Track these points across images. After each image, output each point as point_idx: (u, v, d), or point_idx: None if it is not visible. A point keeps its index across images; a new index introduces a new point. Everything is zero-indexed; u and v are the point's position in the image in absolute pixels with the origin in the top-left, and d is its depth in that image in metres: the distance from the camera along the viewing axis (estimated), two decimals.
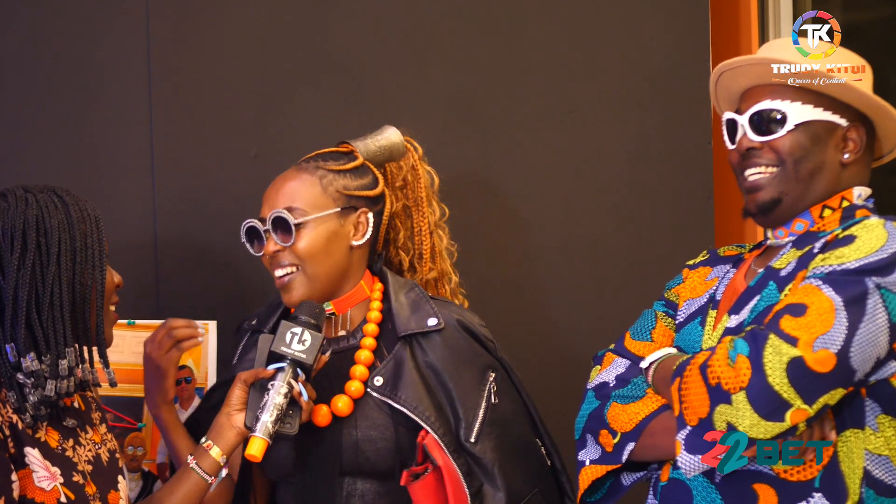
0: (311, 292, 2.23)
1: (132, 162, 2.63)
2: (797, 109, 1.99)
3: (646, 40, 2.94)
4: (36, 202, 1.93)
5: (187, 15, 2.66)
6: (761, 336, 1.81)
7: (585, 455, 2.07)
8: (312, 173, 2.27)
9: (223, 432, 2.06)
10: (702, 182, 2.96)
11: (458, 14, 2.83)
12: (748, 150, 2.02)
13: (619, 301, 2.92)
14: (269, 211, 2.24)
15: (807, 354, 1.78)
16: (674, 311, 2.18)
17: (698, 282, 2.17)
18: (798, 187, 2.00)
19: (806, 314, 1.81)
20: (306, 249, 2.22)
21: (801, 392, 1.78)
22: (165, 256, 2.63)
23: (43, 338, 1.89)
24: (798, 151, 1.99)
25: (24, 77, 2.58)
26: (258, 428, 2.02)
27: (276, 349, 2.07)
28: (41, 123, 2.59)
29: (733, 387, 1.81)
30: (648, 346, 2.14)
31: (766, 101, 2.01)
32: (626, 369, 2.10)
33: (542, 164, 2.88)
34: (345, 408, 2.21)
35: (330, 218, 2.25)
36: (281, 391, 2.05)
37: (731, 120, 2.06)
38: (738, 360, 1.81)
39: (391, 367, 2.23)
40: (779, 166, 2.00)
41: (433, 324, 2.26)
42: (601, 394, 2.08)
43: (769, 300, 1.95)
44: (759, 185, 2.02)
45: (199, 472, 2.03)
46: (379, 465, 2.20)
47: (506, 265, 2.86)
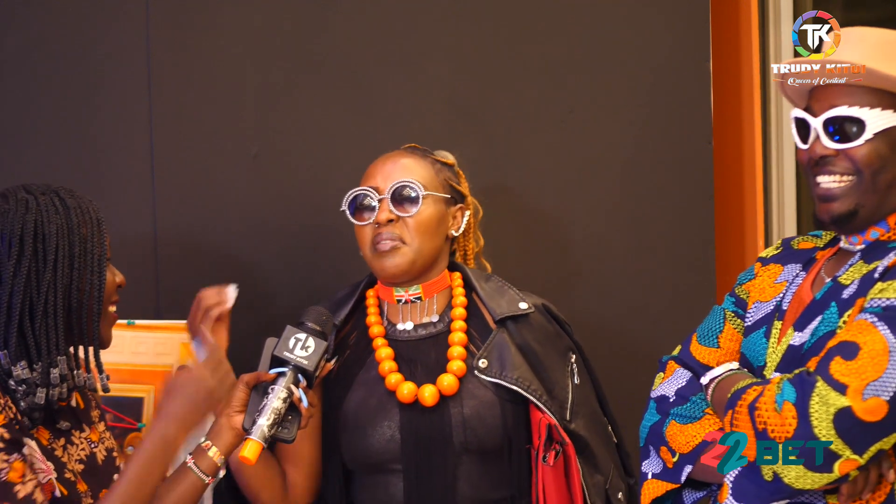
0: (411, 266, 2.30)
1: (132, 162, 2.63)
2: (876, 116, 1.86)
3: (646, 40, 2.93)
4: (36, 205, 1.92)
5: (187, 15, 2.66)
6: (808, 383, 1.73)
7: (648, 467, 2.02)
8: (423, 157, 2.37)
9: (222, 433, 2.06)
10: (702, 182, 2.96)
11: (459, 14, 2.83)
12: (822, 157, 1.89)
13: (618, 301, 2.92)
14: (381, 183, 2.30)
15: (856, 404, 1.69)
16: (743, 311, 2.07)
17: (768, 283, 2.05)
18: (875, 198, 1.88)
19: (857, 357, 1.72)
20: (421, 224, 2.29)
21: (850, 443, 1.70)
22: (165, 256, 2.63)
23: (35, 346, 1.89)
24: (877, 162, 1.86)
25: (24, 77, 2.58)
26: (254, 431, 2.01)
27: (279, 353, 2.07)
28: (41, 123, 2.59)
29: (779, 435, 1.73)
30: (715, 352, 2.05)
31: (842, 107, 1.87)
32: (687, 383, 2.01)
33: (542, 163, 2.88)
34: (451, 386, 2.26)
35: (441, 201, 2.34)
36: (280, 396, 2.04)
37: (802, 120, 1.93)
38: (785, 408, 1.73)
39: (494, 349, 2.29)
40: (855, 176, 1.88)
41: (524, 307, 2.36)
42: (661, 408, 2.02)
43: (829, 324, 1.85)
44: (833, 195, 1.89)
45: (197, 471, 2.03)
46: (487, 443, 2.25)
47: (505, 265, 2.85)
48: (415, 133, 2.58)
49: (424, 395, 2.24)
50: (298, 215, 2.70)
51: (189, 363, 2.50)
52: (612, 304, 2.91)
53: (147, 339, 2.51)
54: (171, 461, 1.96)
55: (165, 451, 1.94)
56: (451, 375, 2.26)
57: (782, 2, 3.33)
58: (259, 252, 2.68)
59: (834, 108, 1.88)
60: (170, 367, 2.51)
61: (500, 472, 2.27)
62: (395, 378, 2.27)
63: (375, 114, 2.74)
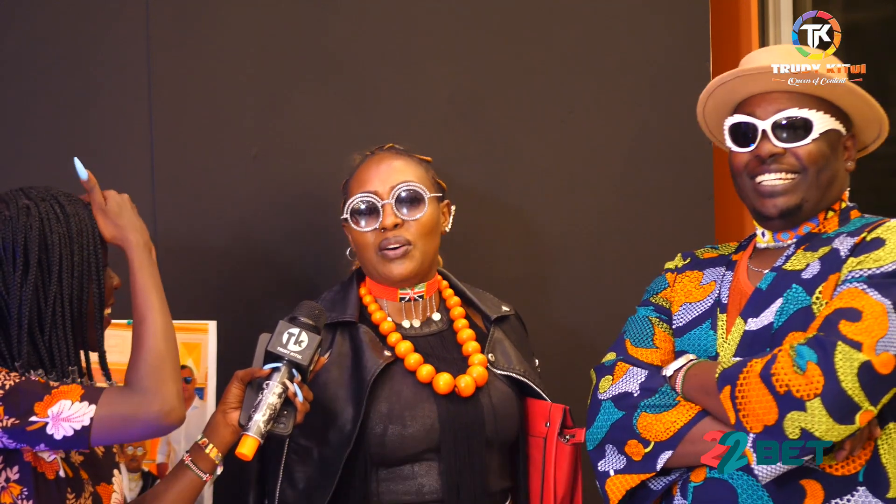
0: (419, 268, 2.32)
1: (132, 162, 2.63)
2: (820, 118, 2.04)
3: (646, 40, 2.93)
4: (38, 213, 1.92)
5: (187, 15, 2.66)
6: (829, 343, 1.86)
7: (607, 465, 2.08)
8: (412, 157, 2.37)
9: (218, 430, 2.06)
10: (702, 182, 2.96)
11: (459, 14, 2.83)
12: (771, 155, 2.05)
13: (618, 301, 2.91)
14: (381, 187, 2.30)
15: (872, 358, 1.84)
16: (668, 317, 2.20)
17: (692, 286, 2.20)
18: (817, 194, 2.06)
19: (863, 319, 1.87)
20: (426, 225, 2.31)
21: (869, 394, 1.84)
22: (165, 256, 2.62)
23: (48, 355, 1.90)
24: (821, 160, 2.05)
25: (24, 77, 2.58)
26: (250, 427, 2.02)
27: (272, 349, 2.07)
28: (41, 123, 2.59)
29: (807, 394, 1.85)
30: (655, 352, 2.16)
31: (792, 109, 2.04)
32: (647, 378, 2.09)
33: (542, 163, 2.88)
34: (482, 377, 2.30)
35: (436, 200, 2.36)
36: (275, 391, 2.04)
37: (746, 124, 2.08)
38: (809, 368, 1.85)
39: (496, 345, 2.35)
40: (800, 173, 2.05)
41: (506, 310, 2.43)
42: (624, 404, 2.08)
43: (797, 303, 2.00)
44: (778, 191, 2.06)
45: (195, 469, 2.03)
46: (508, 433, 2.30)
47: (505, 265, 2.86)
48: (415, 133, 2.58)
49: (461, 385, 2.27)
50: (298, 215, 2.70)
51: (189, 363, 2.51)
52: (612, 304, 2.91)
53: None
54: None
55: (152, 254, 2.01)
56: (479, 367, 2.29)
57: (782, 2, 3.34)
58: (259, 252, 2.67)
59: (782, 111, 2.05)
60: None
61: (500, 465, 2.31)
62: (426, 370, 2.28)
63: (375, 114, 2.74)
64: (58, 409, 1.82)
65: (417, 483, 2.24)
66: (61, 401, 1.83)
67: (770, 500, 1.94)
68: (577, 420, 2.41)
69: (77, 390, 1.84)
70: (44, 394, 1.83)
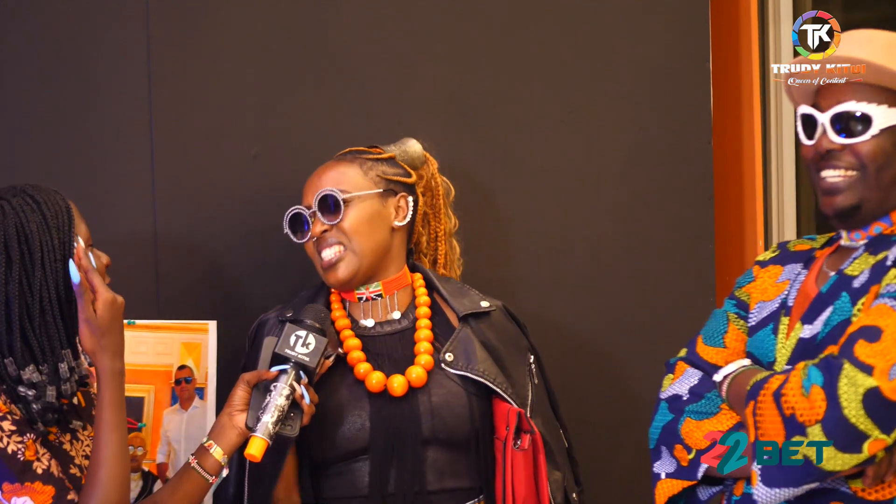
0: (357, 270, 2.34)
1: (132, 162, 2.62)
2: (883, 113, 1.92)
3: (646, 40, 2.93)
4: (12, 209, 1.92)
5: (187, 15, 2.66)
6: (835, 365, 1.76)
7: (661, 468, 2.04)
8: (351, 162, 2.41)
9: (225, 432, 2.06)
10: (702, 182, 2.96)
11: (459, 14, 2.83)
12: (828, 151, 1.94)
13: (619, 301, 2.92)
14: (311, 198, 2.36)
15: (883, 384, 1.73)
16: (745, 312, 2.11)
17: (769, 283, 2.09)
18: (878, 194, 1.93)
19: (881, 339, 1.76)
20: (353, 225, 2.33)
21: (879, 422, 1.74)
22: (165, 256, 2.63)
23: (39, 347, 1.90)
24: (881, 158, 1.92)
25: (24, 77, 2.58)
26: (259, 428, 2.03)
27: (280, 351, 2.09)
28: (41, 123, 2.59)
29: (808, 419, 1.76)
30: (721, 352, 2.08)
31: (850, 102, 1.93)
32: (699, 381, 2.04)
33: (542, 163, 2.87)
34: (420, 378, 2.30)
35: (372, 198, 2.37)
36: (283, 393, 2.06)
37: (809, 116, 1.98)
38: (813, 392, 1.77)
39: (459, 344, 2.35)
40: (859, 171, 1.93)
41: (485, 306, 2.43)
42: (675, 406, 2.04)
43: (842, 313, 1.89)
44: (837, 189, 1.94)
45: (201, 471, 2.04)
46: (455, 432, 2.29)
47: (505, 265, 2.86)
48: (414, 133, 2.58)
49: (393, 385, 2.28)
50: None
51: (189, 363, 2.51)
52: (612, 304, 2.91)
53: (147, 339, 2.51)
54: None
55: (123, 385, 1.94)
56: (419, 367, 2.31)
57: (782, 2, 3.34)
58: (259, 252, 2.67)
59: (841, 103, 1.93)
60: (170, 367, 2.51)
61: (466, 464, 2.31)
62: (363, 367, 2.30)
63: (375, 114, 2.74)
64: (21, 503, 1.82)
65: (355, 481, 2.26)
66: (27, 497, 1.83)
67: None
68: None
69: (47, 497, 1.83)
70: (18, 479, 1.82)
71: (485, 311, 2.42)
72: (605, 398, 2.90)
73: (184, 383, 2.50)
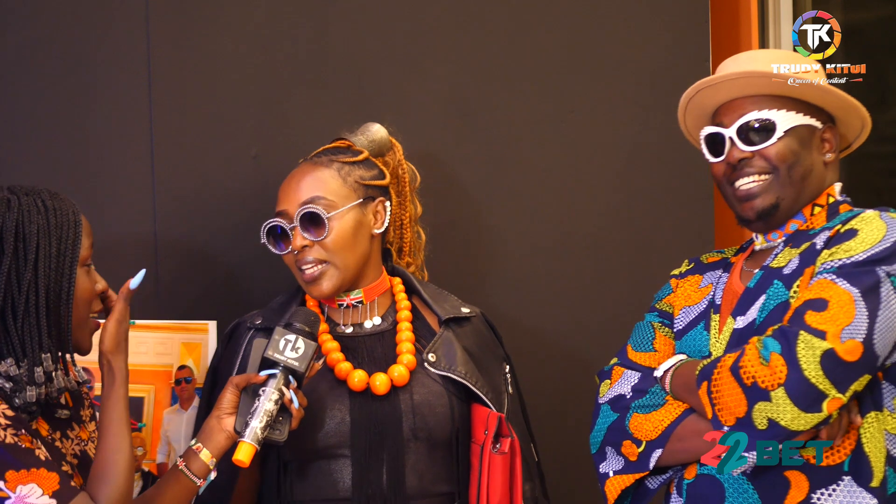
0: (341, 283, 2.31)
1: (132, 162, 2.63)
2: (784, 116, 2.07)
3: (646, 40, 2.93)
4: (18, 205, 1.92)
5: (187, 15, 2.66)
6: (791, 333, 1.89)
7: (607, 467, 2.13)
8: (328, 166, 2.35)
9: (213, 435, 2.06)
10: (702, 182, 2.96)
11: (458, 14, 2.83)
12: (740, 160, 2.09)
13: (618, 301, 2.91)
14: (290, 207, 2.30)
15: (836, 346, 1.86)
16: (669, 321, 2.24)
17: (691, 290, 2.24)
18: (792, 191, 2.09)
19: (828, 308, 1.89)
20: (337, 242, 2.28)
21: (835, 382, 1.86)
22: (165, 256, 2.63)
23: (19, 344, 1.90)
24: (790, 157, 2.07)
25: (23, 77, 2.58)
26: (247, 433, 2.02)
27: (269, 355, 2.07)
28: (41, 123, 2.59)
29: (771, 384, 1.87)
30: (653, 356, 2.20)
31: (752, 112, 2.09)
32: (640, 380, 2.15)
33: (542, 163, 2.88)
34: (402, 377, 2.28)
35: (355, 209, 2.32)
36: (272, 398, 2.05)
37: (715, 134, 2.13)
38: (773, 359, 1.88)
39: (441, 345, 2.33)
40: (772, 173, 2.08)
41: (466, 312, 2.41)
42: (619, 406, 2.14)
43: (777, 298, 2.03)
44: (753, 193, 2.09)
45: (188, 474, 2.04)
46: (435, 431, 2.28)
47: (505, 265, 2.86)
48: (414, 133, 2.58)
49: (376, 383, 2.26)
50: None
51: (189, 363, 2.51)
52: (612, 304, 2.91)
53: (147, 339, 2.51)
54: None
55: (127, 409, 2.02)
56: (402, 366, 2.29)
57: (782, 2, 3.34)
58: (259, 252, 2.67)
59: (744, 115, 2.09)
60: (170, 367, 2.51)
61: (445, 467, 2.30)
62: (345, 366, 2.28)
63: (375, 114, 2.74)
64: (27, 491, 1.82)
65: (332, 479, 2.23)
66: (33, 484, 1.83)
67: (755, 492, 1.98)
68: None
69: (53, 482, 1.84)
70: (23, 465, 1.82)
71: (465, 316, 2.41)
72: None
73: (184, 383, 2.51)
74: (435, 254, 2.63)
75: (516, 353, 2.52)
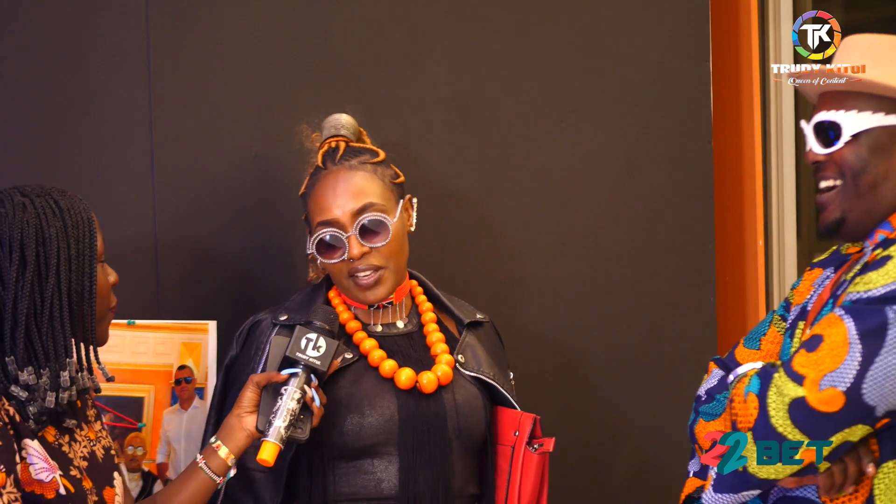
0: (395, 286, 2.30)
1: (132, 162, 2.63)
2: (852, 119, 1.87)
3: (646, 40, 2.93)
4: (34, 209, 1.91)
5: (187, 15, 2.66)
6: (769, 374, 1.77)
7: (692, 466, 2.05)
8: (365, 170, 2.30)
9: (233, 433, 2.06)
10: (702, 182, 2.96)
11: (459, 14, 2.83)
12: (814, 162, 1.92)
13: (618, 301, 2.92)
14: (341, 216, 2.24)
15: (811, 394, 1.71)
16: (789, 314, 2.06)
17: (806, 286, 2.04)
18: (860, 203, 1.88)
19: (818, 349, 1.74)
20: (394, 247, 2.27)
21: (808, 432, 1.72)
22: (165, 256, 2.63)
23: (43, 351, 1.89)
24: (857, 164, 1.87)
25: (24, 77, 2.58)
26: (271, 433, 2.02)
27: (291, 354, 2.07)
28: (41, 123, 2.59)
29: (744, 426, 1.78)
30: (754, 354, 2.05)
31: (822, 112, 1.90)
32: (717, 383, 2.03)
33: (542, 163, 2.88)
34: (447, 375, 2.27)
35: (401, 209, 2.31)
36: (294, 396, 2.05)
37: (805, 128, 1.96)
38: (749, 398, 1.78)
39: (467, 348, 2.33)
40: (841, 180, 1.89)
41: (481, 317, 2.40)
42: (695, 407, 2.04)
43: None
44: (823, 204, 1.91)
45: (208, 471, 2.04)
46: (474, 432, 2.27)
47: (505, 265, 2.86)
48: (414, 133, 2.58)
49: (423, 381, 2.24)
50: (298, 215, 2.70)
51: (189, 363, 2.51)
52: (612, 304, 2.91)
53: (147, 339, 2.51)
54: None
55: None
56: (445, 365, 2.27)
57: (782, 2, 3.34)
58: (259, 252, 2.68)
59: (818, 114, 1.91)
60: (170, 367, 2.51)
61: (473, 469, 2.29)
62: (389, 365, 2.25)
63: (375, 113, 2.74)
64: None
65: (376, 478, 2.21)
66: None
67: None
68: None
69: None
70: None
71: (480, 321, 2.40)
72: (605, 398, 2.90)
73: (184, 383, 2.51)
74: (435, 254, 2.63)
75: (516, 354, 2.52)
